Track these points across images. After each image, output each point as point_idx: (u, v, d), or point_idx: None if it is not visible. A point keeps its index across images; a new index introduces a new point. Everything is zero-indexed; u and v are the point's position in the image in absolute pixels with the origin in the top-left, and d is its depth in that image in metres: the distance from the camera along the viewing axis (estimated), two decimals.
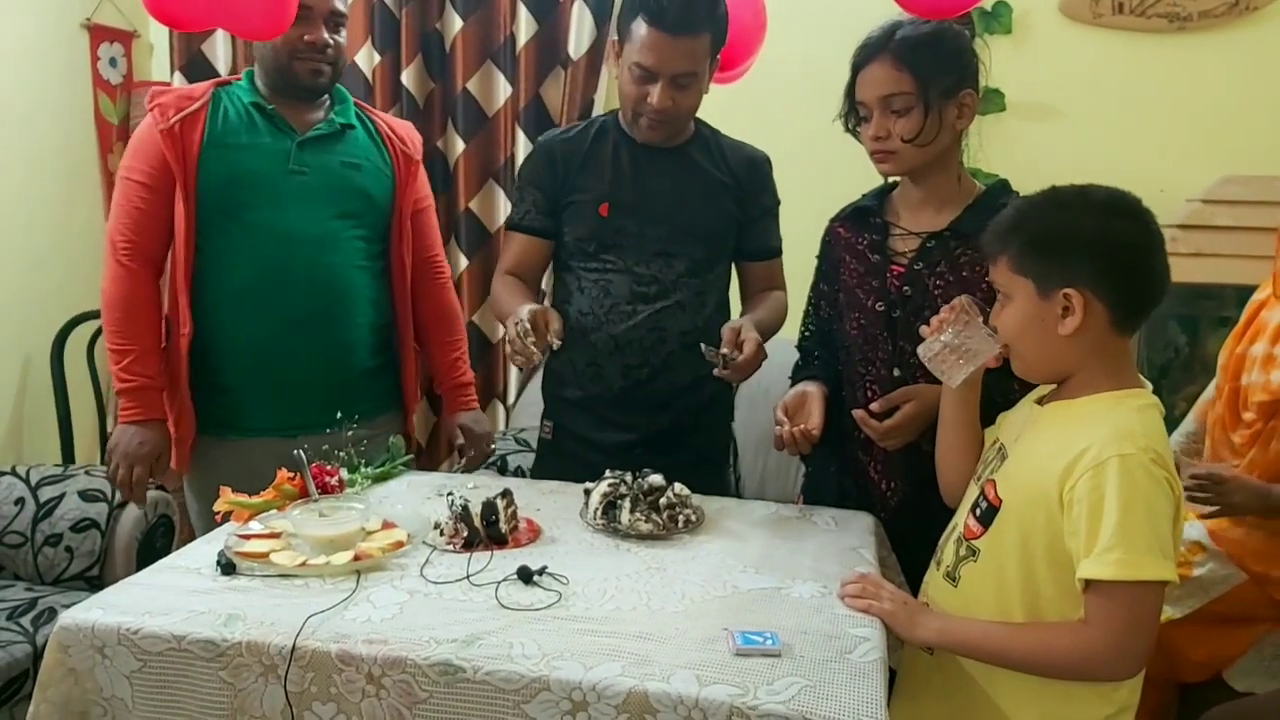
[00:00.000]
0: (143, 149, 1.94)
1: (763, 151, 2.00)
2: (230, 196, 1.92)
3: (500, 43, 2.99)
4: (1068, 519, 1.22)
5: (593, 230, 1.89)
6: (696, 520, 1.60)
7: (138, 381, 1.93)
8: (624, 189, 1.89)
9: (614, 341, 1.89)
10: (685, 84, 1.79)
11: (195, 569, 1.40)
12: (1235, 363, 1.91)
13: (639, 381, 1.89)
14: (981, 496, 1.37)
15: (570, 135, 1.96)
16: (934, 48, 1.61)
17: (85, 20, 2.97)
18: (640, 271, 1.88)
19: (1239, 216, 2.53)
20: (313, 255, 1.94)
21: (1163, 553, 1.18)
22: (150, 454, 1.94)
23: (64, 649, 1.24)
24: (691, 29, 1.75)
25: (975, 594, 1.35)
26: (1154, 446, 1.22)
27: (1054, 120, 2.74)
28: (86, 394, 2.83)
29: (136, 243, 1.95)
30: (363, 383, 2.05)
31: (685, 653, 1.19)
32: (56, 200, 2.94)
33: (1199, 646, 1.90)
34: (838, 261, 1.78)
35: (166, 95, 1.97)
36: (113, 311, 1.95)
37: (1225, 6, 2.64)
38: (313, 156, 1.97)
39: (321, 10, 1.93)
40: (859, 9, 1.74)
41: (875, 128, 1.62)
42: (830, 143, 1.78)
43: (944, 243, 1.65)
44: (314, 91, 1.99)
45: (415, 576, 1.39)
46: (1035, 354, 1.33)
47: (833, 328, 1.80)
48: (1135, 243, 1.27)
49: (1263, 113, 2.64)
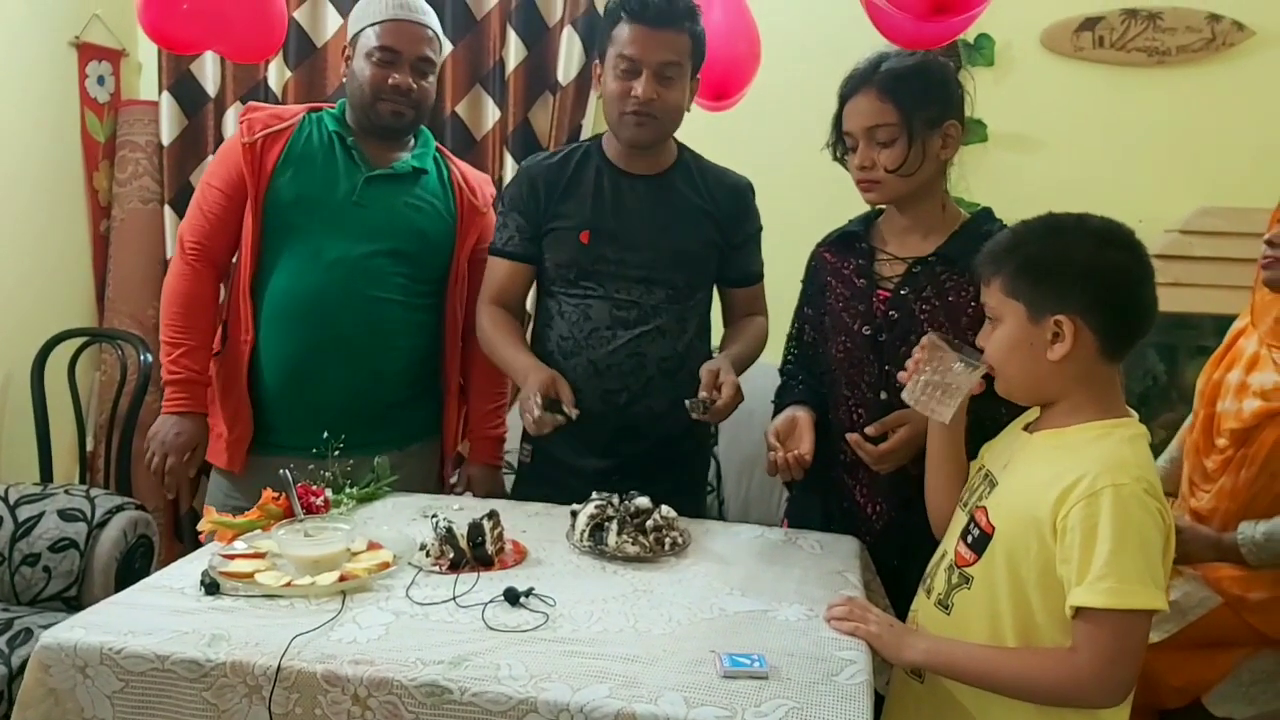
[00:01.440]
0: (225, 158, 2.04)
1: (745, 178, 2.01)
2: (293, 217, 1.99)
3: (490, 67, 3.01)
4: (1060, 547, 1.23)
5: (573, 257, 1.90)
6: (683, 543, 1.61)
7: (185, 374, 2.03)
8: (605, 217, 1.90)
9: (593, 366, 1.89)
10: (669, 76, 1.83)
11: (179, 589, 1.39)
12: (1212, 389, 1.94)
13: (618, 407, 1.89)
14: (973, 523, 1.37)
15: (553, 161, 1.98)
16: (918, 80, 1.64)
17: (74, 39, 2.97)
18: (620, 297, 1.89)
19: (1216, 247, 2.58)
20: (353, 285, 1.98)
21: (1154, 582, 1.19)
22: (186, 444, 2.03)
23: (45, 669, 1.23)
24: (672, 23, 1.81)
25: (969, 621, 1.35)
26: (1146, 477, 1.23)
27: (1035, 151, 2.79)
28: (67, 413, 2.80)
29: (205, 245, 2.04)
30: (393, 413, 2.07)
31: (673, 674, 1.20)
32: (41, 217, 2.92)
33: (1178, 672, 1.90)
34: (824, 286, 1.79)
35: (259, 111, 2.05)
36: (172, 305, 2.04)
37: (1202, 42, 2.70)
38: (378, 192, 2.02)
39: (410, 55, 2.00)
40: (847, 39, 1.77)
41: (860, 158, 1.65)
42: (817, 168, 1.80)
43: (930, 268, 1.68)
44: (394, 131, 2.05)
45: (401, 597, 1.38)
46: (1021, 377, 1.34)
47: (816, 352, 1.82)
48: (1127, 273, 1.29)
49: (1239, 145, 2.69)
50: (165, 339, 2.06)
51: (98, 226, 3.11)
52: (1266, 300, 1.89)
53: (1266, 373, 1.82)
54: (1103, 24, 2.73)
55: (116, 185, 3.12)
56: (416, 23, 2.01)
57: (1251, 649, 1.87)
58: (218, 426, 2.06)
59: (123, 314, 3.07)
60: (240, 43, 2.09)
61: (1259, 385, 1.81)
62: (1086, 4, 2.74)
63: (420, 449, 2.15)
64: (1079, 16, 2.75)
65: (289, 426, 1.99)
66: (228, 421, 2.04)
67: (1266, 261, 1.81)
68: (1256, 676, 1.88)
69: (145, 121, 3.12)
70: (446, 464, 2.23)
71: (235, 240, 2.05)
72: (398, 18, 1.99)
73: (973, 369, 1.38)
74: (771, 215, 2.05)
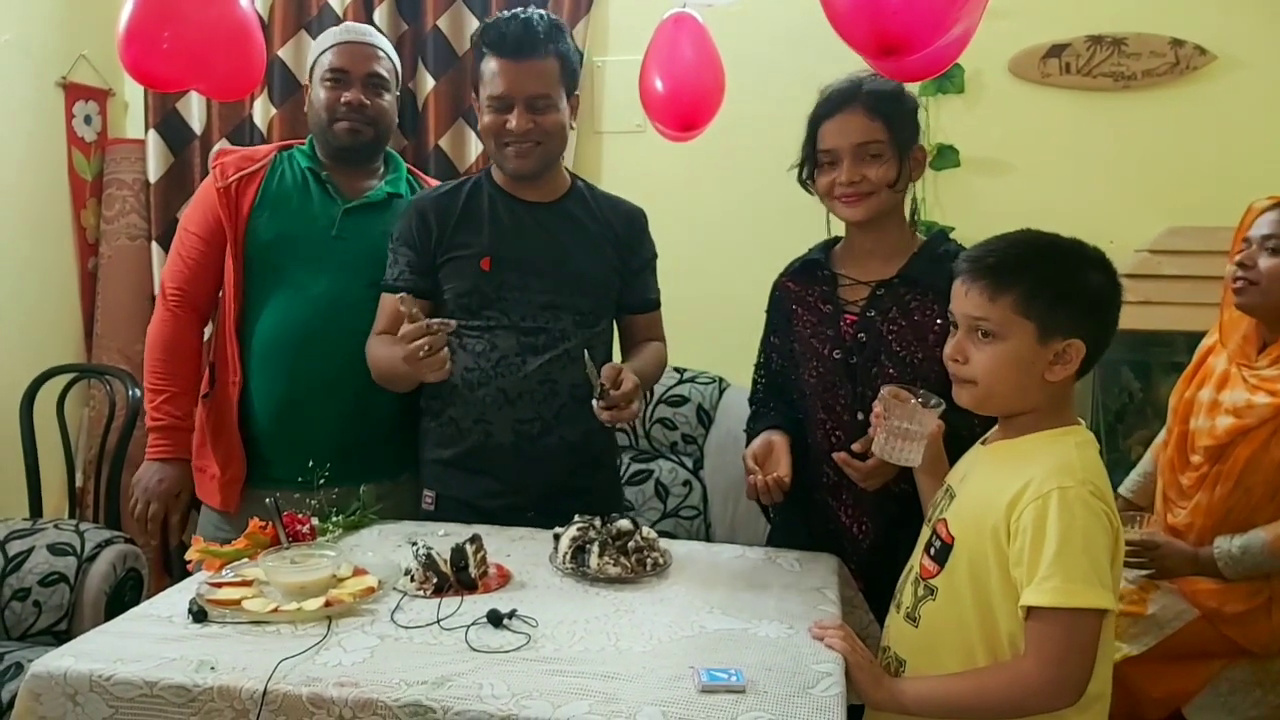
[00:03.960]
0: (200, 204, 2.07)
1: (638, 206, 2.03)
2: (274, 257, 2.01)
3: (471, 101, 3.05)
4: (1012, 550, 1.27)
5: (474, 284, 1.88)
6: (664, 563, 1.63)
7: (168, 420, 2.06)
8: (505, 243, 1.88)
9: (504, 395, 1.86)
10: (541, 107, 1.83)
11: (166, 617, 1.41)
12: (1185, 407, 1.98)
13: (530, 437, 1.87)
14: (935, 536, 1.41)
15: (442, 193, 1.97)
16: (899, 102, 1.71)
17: (61, 79, 3.01)
18: (527, 325, 1.87)
19: (1184, 266, 2.62)
20: (340, 320, 1.99)
21: (1100, 582, 1.23)
22: (169, 491, 2.07)
23: (35, 697, 1.25)
24: (534, 52, 1.81)
25: (936, 632, 1.37)
26: (1092, 480, 1.27)
27: (1006, 175, 2.84)
28: (56, 448, 2.82)
29: (186, 291, 2.07)
30: (383, 445, 2.07)
31: (652, 690, 1.22)
32: (29, 255, 2.95)
33: (1157, 684, 1.93)
34: (789, 314, 1.82)
35: (230, 155, 2.07)
36: (155, 352, 2.08)
37: (1167, 66, 2.76)
38: (356, 224, 2.03)
39: (359, 73, 2.03)
40: (808, 71, 1.82)
41: (848, 173, 1.68)
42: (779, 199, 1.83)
43: (894, 290, 1.71)
44: (355, 152, 2.06)
45: (386, 621, 1.40)
46: (1008, 392, 1.35)
47: (787, 379, 1.84)
48: (1116, 299, 1.34)
49: (1204, 166, 2.74)
50: (148, 385, 2.09)
51: (85, 263, 3.14)
52: (1234, 319, 1.94)
53: (1237, 391, 1.86)
54: (1069, 50, 2.80)
55: (104, 222, 3.15)
56: (364, 43, 2.06)
57: (1229, 660, 1.90)
58: (210, 468, 2.07)
59: (111, 349, 3.09)
60: (220, 80, 2.13)
61: (1230, 403, 1.86)
62: (1053, 31, 2.80)
63: (410, 478, 2.15)
64: (1046, 44, 2.81)
65: (281, 461, 2.00)
66: (220, 463, 2.04)
67: (1238, 285, 1.86)
68: (1235, 686, 1.91)
69: (132, 159, 3.16)
70: None
71: (216, 283, 2.06)
72: (345, 40, 2.05)
73: (932, 409, 1.44)
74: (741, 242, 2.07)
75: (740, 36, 2.62)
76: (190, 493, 2.10)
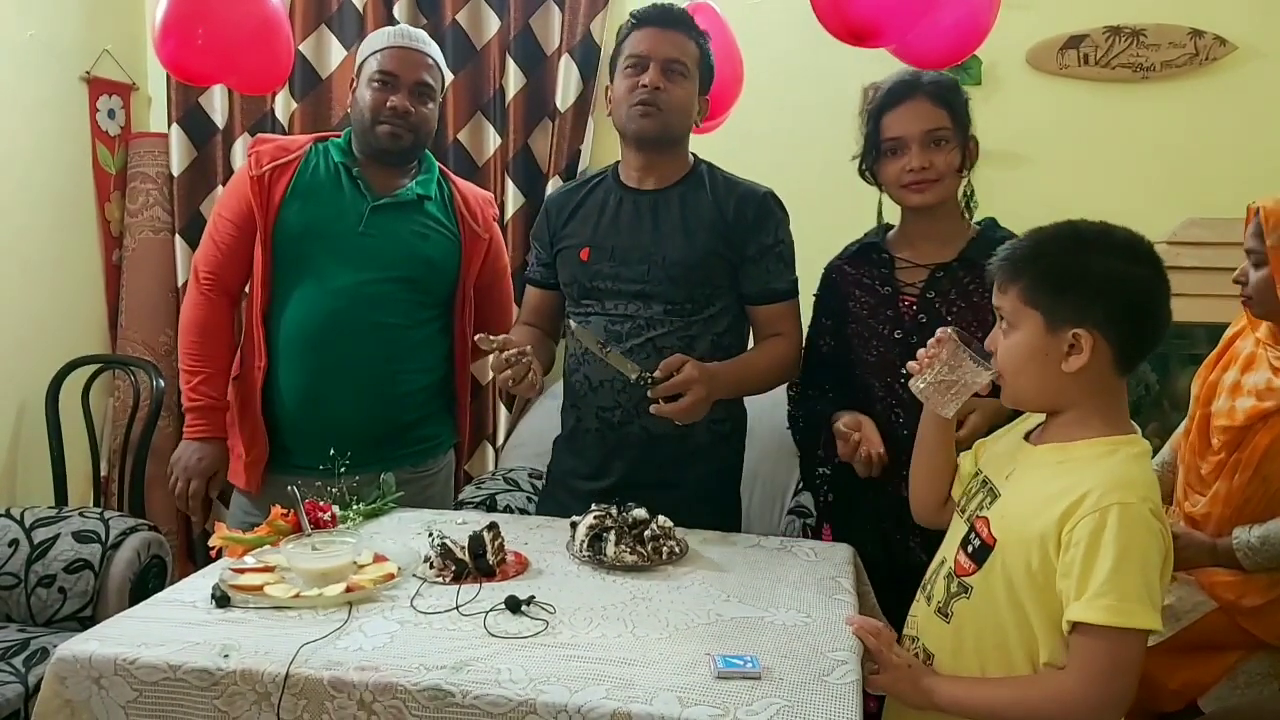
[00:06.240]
0: (234, 191, 2.10)
1: (765, 187, 1.92)
2: (302, 247, 2.03)
3: (490, 95, 3.08)
4: (1061, 561, 1.23)
5: (574, 275, 1.94)
6: (680, 552, 1.64)
7: (204, 401, 2.10)
8: (603, 233, 1.91)
9: (588, 381, 1.90)
10: (676, 71, 1.86)
11: (190, 602, 1.43)
12: (1207, 390, 1.96)
13: (611, 424, 1.89)
14: (973, 533, 1.36)
15: (569, 188, 2.04)
16: (957, 93, 1.78)
17: (85, 74, 3.04)
18: (615, 313, 1.89)
19: (1203, 257, 2.60)
20: (361, 312, 2.03)
21: (1152, 602, 1.19)
22: (207, 469, 2.12)
23: (60, 680, 1.27)
24: (678, 27, 1.87)
25: (969, 630, 1.34)
26: (1151, 497, 1.23)
27: (1023, 167, 2.82)
28: (81, 438, 2.86)
29: (218, 275, 2.11)
30: (405, 433, 2.12)
31: (668, 676, 1.23)
32: (54, 248, 2.99)
33: (1174, 675, 1.92)
34: (845, 297, 1.86)
35: (266, 144, 2.10)
36: (189, 334, 2.12)
37: (1186, 57, 2.74)
38: (384, 221, 2.06)
39: (408, 80, 2.05)
40: (825, 62, 1.83)
41: (917, 159, 1.73)
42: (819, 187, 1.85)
43: (952, 273, 1.76)
44: (393, 155, 2.09)
45: (406, 607, 1.42)
46: (1032, 386, 1.32)
47: (838, 360, 1.87)
48: (1148, 289, 1.27)
49: (1222, 157, 2.73)
50: (184, 366, 2.13)
51: (110, 256, 3.18)
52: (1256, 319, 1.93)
53: (1261, 372, 1.84)
54: (1087, 42, 2.78)
55: (128, 215, 3.19)
56: (416, 50, 2.08)
57: (1246, 652, 1.89)
58: (237, 447, 2.11)
59: (135, 341, 3.13)
60: (250, 74, 2.16)
61: (1252, 384, 1.84)
62: (1071, 22, 2.79)
63: (433, 466, 2.20)
64: (1064, 35, 2.79)
65: (304, 448, 2.02)
66: (245, 443, 2.09)
67: (1242, 300, 1.86)
68: (1252, 679, 1.90)
69: (155, 153, 3.19)
70: (459, 479, 2.28)
71: (247, 269, 2.10)
72: (398, 45, 2.06)
73: (983, 370, 1.37)
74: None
75: (758, 27, 2.63)
76: (225, 472, 2.14)
